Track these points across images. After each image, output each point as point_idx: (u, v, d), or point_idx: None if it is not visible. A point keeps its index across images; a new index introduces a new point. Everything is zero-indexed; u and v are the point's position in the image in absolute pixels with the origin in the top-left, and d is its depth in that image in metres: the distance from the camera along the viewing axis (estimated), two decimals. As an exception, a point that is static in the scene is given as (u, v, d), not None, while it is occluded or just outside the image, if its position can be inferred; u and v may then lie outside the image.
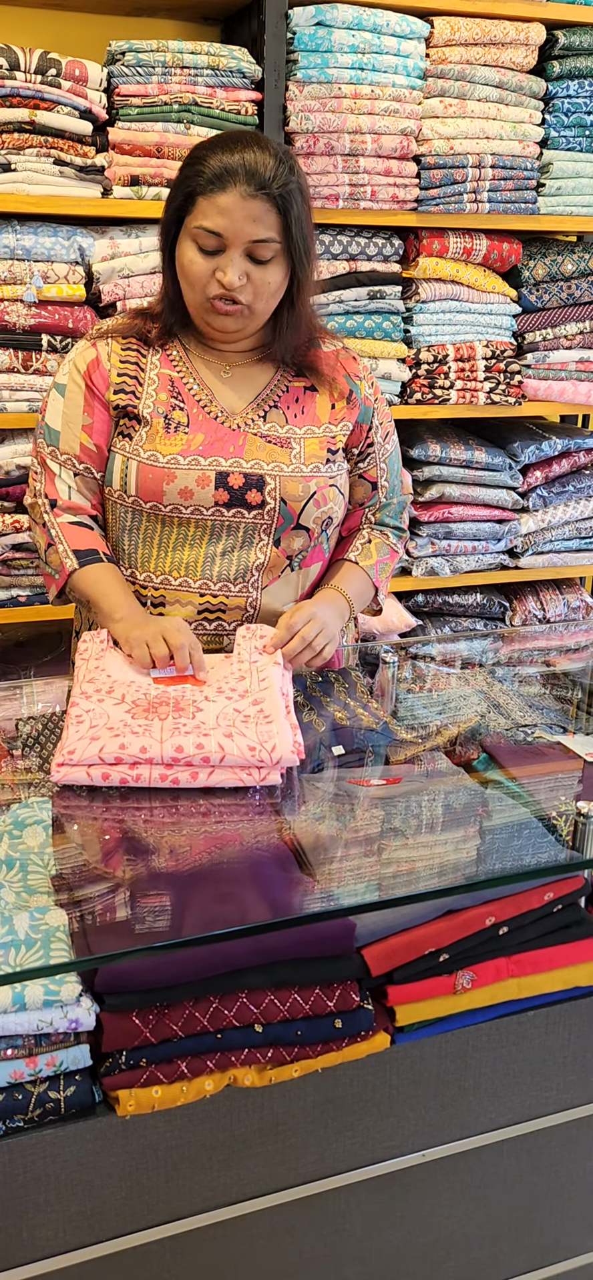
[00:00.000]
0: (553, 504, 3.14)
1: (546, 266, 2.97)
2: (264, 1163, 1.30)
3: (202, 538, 1.74)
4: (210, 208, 1.63)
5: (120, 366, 1.77)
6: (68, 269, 2.48)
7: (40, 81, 2.37)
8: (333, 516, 1.83)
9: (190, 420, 1.74)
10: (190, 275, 1.69)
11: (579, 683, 2.13)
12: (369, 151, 2.68)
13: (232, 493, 1.73)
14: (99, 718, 1.46)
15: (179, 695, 1.52)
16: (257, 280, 1.67)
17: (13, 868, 1.31)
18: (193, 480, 1.71)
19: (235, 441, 1.74)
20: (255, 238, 1.64)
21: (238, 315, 1.71)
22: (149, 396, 1.75)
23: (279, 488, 1.74)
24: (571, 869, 1.38)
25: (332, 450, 1.80)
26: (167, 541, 1.75)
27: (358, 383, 1.86)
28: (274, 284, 1.70)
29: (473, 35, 2.71)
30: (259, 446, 1.75)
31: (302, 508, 1.76)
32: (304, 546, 1.80)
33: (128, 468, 1.74)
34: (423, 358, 2.89)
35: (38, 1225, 1.20)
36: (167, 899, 1.27)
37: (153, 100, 2.49)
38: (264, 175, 1.62)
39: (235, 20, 2.75)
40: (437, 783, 1.53)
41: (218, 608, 1.77)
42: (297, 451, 1.77)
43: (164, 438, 1.73)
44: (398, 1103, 1.35)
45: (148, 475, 1.72)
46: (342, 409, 1.83)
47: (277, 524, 1.75)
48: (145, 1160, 1.23)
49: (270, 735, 1.43)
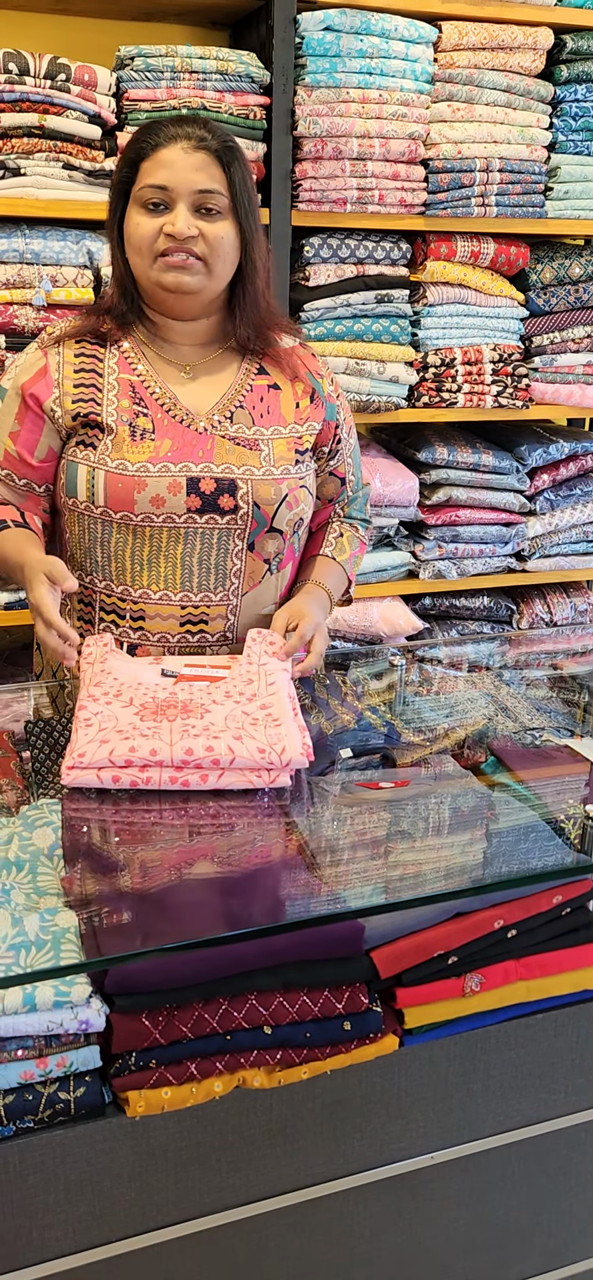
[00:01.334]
0: (560, 507, 3.14)
1: (553, 270, 2.97)
2: (273, 1164, 1.30)
3: (175, 546, 1.71)
4: (153, 166, 1.64)
5: (76, 376, 1.73)
6: (77, 272, 2.49)
7: (50, 86, 2.38)
8: (304, 518, 1.81)
9: (156, 426, 1.70)
10: (137, 238, 1.66)
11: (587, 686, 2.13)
12: (377, 155, 2.69)
13: (204, 498, 1.69)
14: (108, 720, 1.46)
15: (187, 698, 1.52)
16: (209, 233, 1.65)
17: (23, 869, 1.31)
18: (164, 487, 1.68)
19: (204, 445, 1.71)
20: (201, 187, 1.64)
21: (193, 271, 1.66)
22: (111, 404, 1.71)
23: (251, 491, 1.70)
24: (579, 872, 1.38)
25: (299, 451, 1.77)
26: (140, 553, 1.71)
27: (320, 380, 1.84)
28: (228, 239, 1.66)
29: (481, 40, 2.71)
30: (229, 449, 1.71)
31: (275, 510, 1.73)
32: (279, 549, 1.77)
33: (95, 478, 1.69)
34: (430, 361, 2.90)
35: (48, 1226, 1.20)
36: (176, 900, 1.27)
37: (162, 105, 2.49)
38: (205, 135, 1.65)
39: (243, 25, 2.76)
40: (445, 785, 1.54)
41: (200, 618, 1.73)
42: (266, 454, 1.73)
43: (131, 446, 1.69)
44: (407, 1105, 1.35)
45: (117, 485, 1.68)
46: (306, 408, 1.80)
47: (250, 528, 1.72)
48: (155, 1161, 1.23)
49: (280, 738, 1.43)
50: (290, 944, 1.26)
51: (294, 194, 2.67)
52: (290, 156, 2.63)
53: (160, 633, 1.73)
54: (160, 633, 1.73)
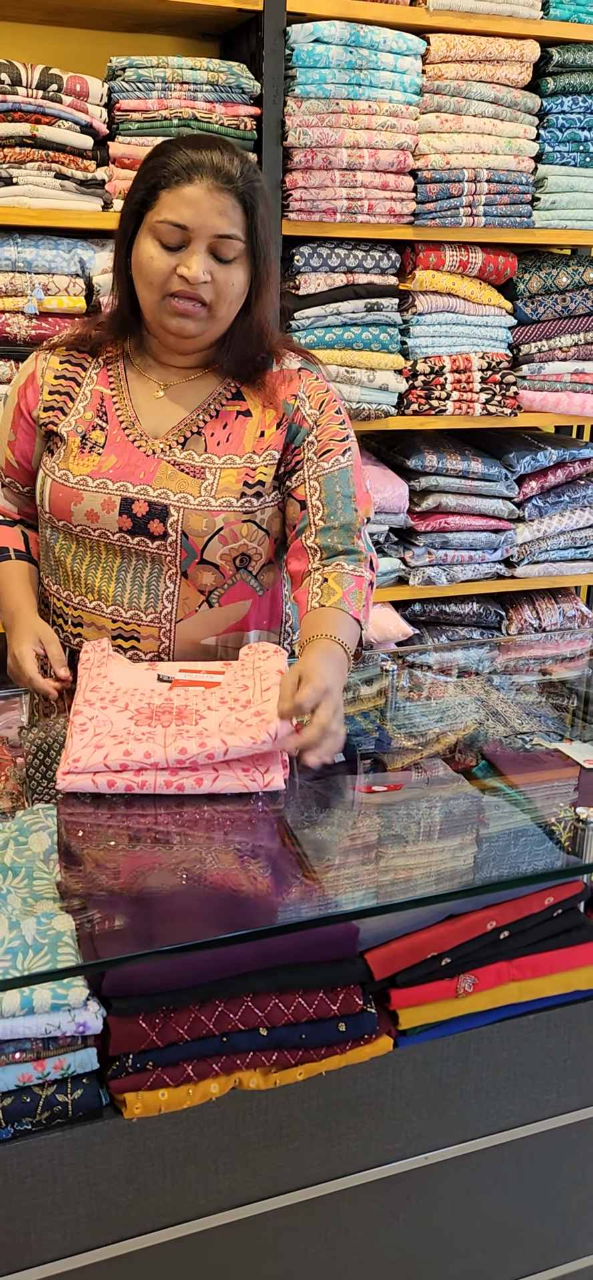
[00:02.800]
0: (549, 514, 3.17)
1: (540, 279, 3.00)
2: (269, 1165, 1.31)
3: (111, 563, 1.71)
4: (175, 200, 1.58)
5: (53, 384, 1.75)
6: (68, 281, 2.50)
7: (42, 97, 2.40)
8: (250, 554, 1.72)
9: (108, 441, 1.71)
10: (150, 272, 1.62)
11: (576, 690, 2.15)
12: (366, 166, 2.71)
13: (135, 520, 1.67)
14: (103, 725, 1.47)
15: (182, 704, 1.53)
16: (220, 280, 1.62)
17: (18, 874, 1.32)
18: (98, 503, 1.68)
19: (147, 468, 1.68)
20: (221, 232, 1.59)
21: (198, 316, 1.64)
22: (76, 414, 1.73)
23: (181, 520, 1.66)
24: (570, 874, 1.40)
25: (249, 483, 1.69)
26: (80, 563, 1.73)
27: (294, 401, 1.72)
28: (238, 286, 1.64)
29: (469, 52, 2.74)
30: (169, 475, 1.68)
31: (205, 543, 1.67)
32: (217, 584, 1.71)
33: (44, 485, 1.74)
34: (420, 369, 2.92)
35: (45, 1228, 1.21)
36: (172, 904, 1.28)
37: (153, 115, 2.51)
38: (231, 171, 1.60)
39: (234, 36, 2.78)
40: (437, 789, 1.55)
41: (131, 634, 1.72)
42: (209, 483, 1.68)
43: (78, 457, 1.70)
44: (400, 1106, 1.36)
45: (58, 494, 1.70)
46: (271, 436, 1.71)
47: (181, 557, 1.69)
48: (151, 1163, 1.24)
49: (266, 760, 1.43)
50: (286, 946, 1.27)
51: (284, 204, 2.69)
52: (281, 167, 2.66)
53: (95, 640, 1.73)
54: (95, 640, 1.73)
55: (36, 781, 1.51)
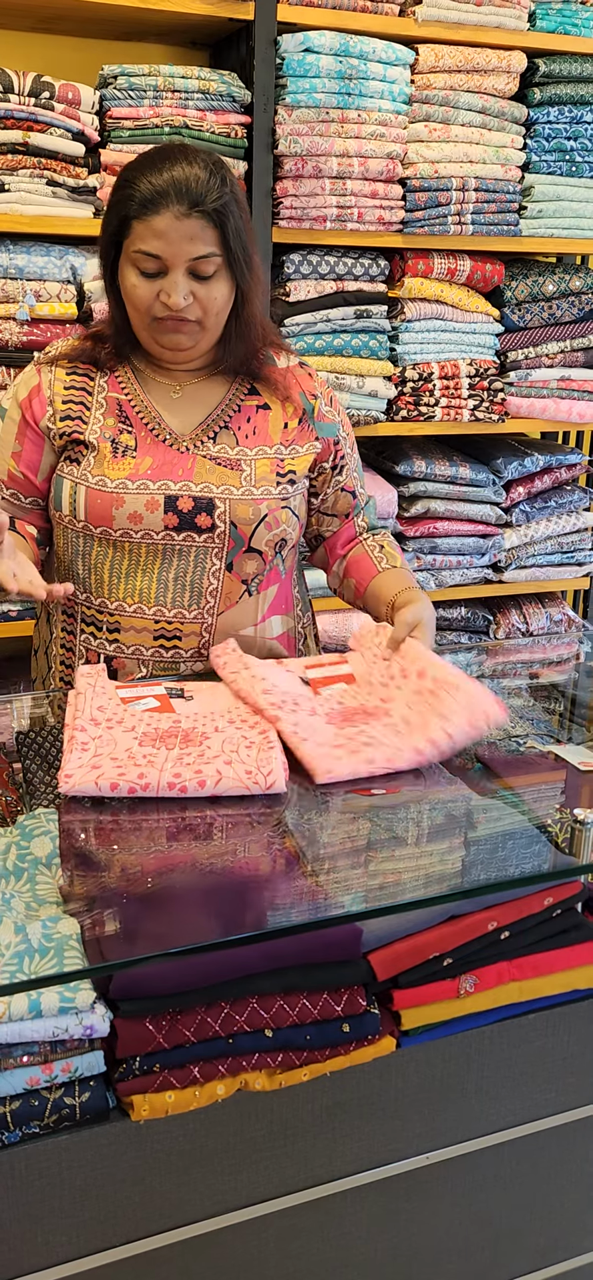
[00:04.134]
0: (536, 519, 3.19)
1: (528, 287, 3.03)
2: (273, 1166, 1.31)
3: (153, 563, 1.73)
4: (146, 231, 1.61)
5: (65, 394, 1.75)
6: (60, 288, 2.51)
7: (34, 104, 2.40)
8: (287, 539, 1.81)
9: (138, 444, 1.73)
10: (135, 299, 1.67)
11: (565, 694, 2.17)
12: (356, 174, 2.73)
13: (181, 516, 1.71)
14: (105, 745, 1.47)
15: (190, 727, 1.54)
16: (203, 297, 1.66)
17: (21, 878, 1.32)
18: (141, 504, 1.70)
19: (184, 464, 1.72)
20: (195, 255, 1.62)
21: (189, 332, 1.69)
22: (97, 422, 1.74)
23: (229, 511, 1.72)
24: (568, 874, 1.42)
25: (281, 474, 1.77)
26: (119, 567, 1.73)
27: (313, 401, 1.84)
28: (221, 298, 1.68)
29: (456, 62, 2.77)
30: (209, 469, 1.73)
31: (253, 530, 1.74)
32: (259, 570, 1.78)
33: (77, 493, 1.72)
34: (408, 375, 2.94)
35: (53, 1231, 1.21)
36: (177, 906, 1.29)
37: (144, 123, 2.52)
38: (197, 192, 1.60)
39: (224, 45, 2.79)
40: (436, 792, 1.56)
41: (173, 634, 1.75)
42: (247, 474, 1.74)
43: (112, 462, 1.71)
44: (403, 1106, 1.38)
45: (96, 500, 1.71)
46: (294, 430, 1.80)
47: (228, 547, 1.73)
48: (158, 1165, 1.25)
49: (268, 760, 1.45)
50: (291, 948, 1.28)
51: (275, 211, 2.70)
52: (271, 174, 2.67)
53: (134, 645, 1.75)
54: (134, 645, 1.75)
55: (33, 787, 1.51)
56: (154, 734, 1.52)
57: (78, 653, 1.82)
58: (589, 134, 2.96)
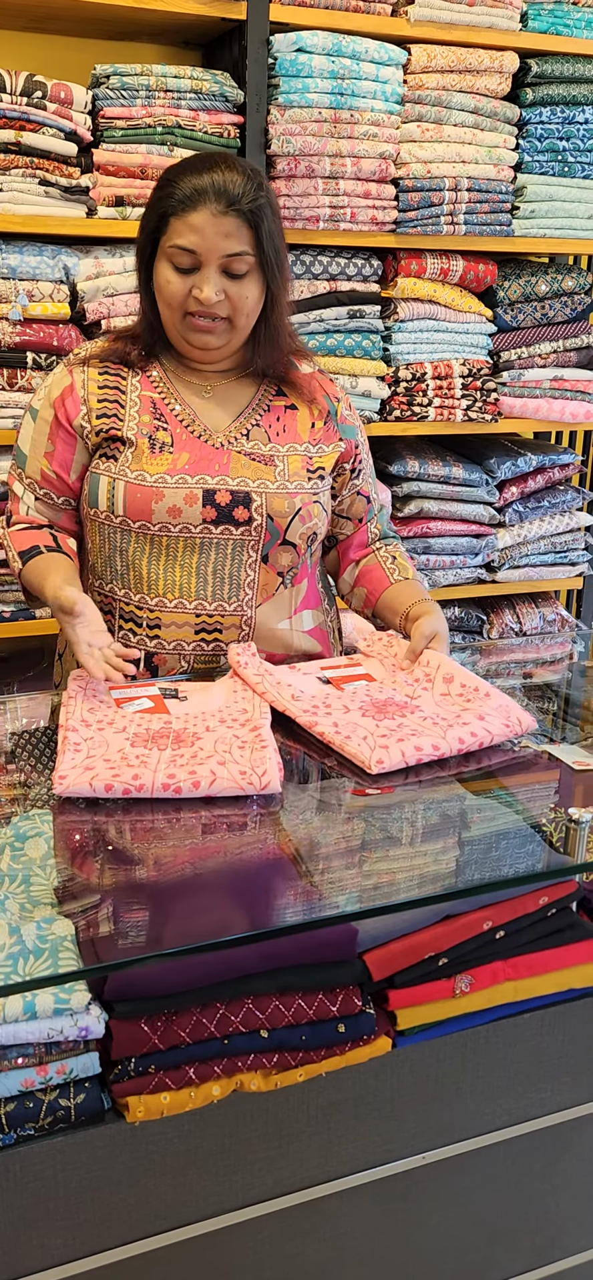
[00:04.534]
0: (529, 519, 3.20)
1: (520, 287, 3.03)
2: (269, 1167, 1.31)
3: (191, 557, 1.76)
4: (183, 227, 1.67)
5: (99, 393, 1.78)
6: (53, 288, 2.50)
7: (26, 104, 2.40)
8: (317, 533, 1.86)
9: (175, 440, 1.76)
10: (167, 295, 1.72)
11: (559, 693, 2.17)
12: (349, 174, 2.73)
13: (219, 510, 1.74)
14: (97, 747, 1.47)
15: (181, 728, 1.54)
16: (234, 295, 1.71)
17: (15, 880, 1.32)
18: (180, 498, 1.73)
19: (220, 460, 1.76)
20: (229, 252, 1.68)
21: (218, 331, 1.74)
22: (132, 419, 1.77)
23: (265, 504, 1.76)
24: (564, 873, 1.42)
25: (310, 470, 1.82)
26: (157, 563, 1.76)
27: (336, 404, 1.90)
28: (251, 299, 1.73)
29: (449, 63, 2.77)
30: (244, 464, 1.77)
31: (288, 523, 1.78)
32: (293, 563, 1.82)
33: (115, 488, 1.75)
34: (402, 376, 2.94)
35: (48, 1233, 1.21)
36: (172, 907, 1.28)
37: (137, 123, 2.52)
38: (234, 192, 1.67)
39: (216, 45, 2.79)
40: (430, 791, 1.56)
41: (214, 627, 1.78)
42: (280, 469, 1.79)
43: (150, 458, 1.74)
44: (398, 1106, 1.37)
45: (136, 495, 1.73)
46: (320, 429, 1.86)
47: (264, 540, 1.77)
48: (153, 1166, 1.24)
49: (262, 761, 1.45)
50: (286, 948, 1.28)
51: (268, 211, 2.70)
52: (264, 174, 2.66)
53: (176, 640, 1.78)
54: (176, 640, 1.78)
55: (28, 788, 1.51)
56: (146, 734, 1.52)
57: None
58: (582, 134, 2.97)
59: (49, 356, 2.53)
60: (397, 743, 1.51)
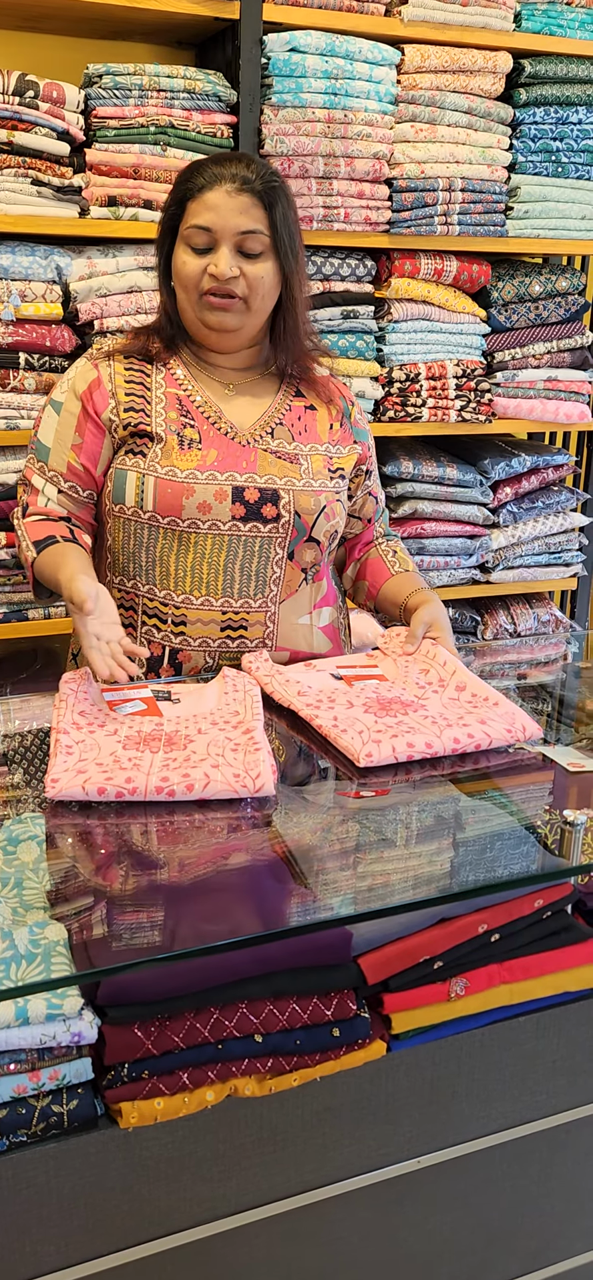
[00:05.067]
0: (523, 520, 3.19)
1: (514, 287, 3.03)
2: (263, 1173, 1.31)
3: (219, 554, 1.77)
4: (199, 207, 1.72)
5: (127, 386, 1.80)
6: (45, 288, 2.49)
7: (18, 103, 2.39)
8: (338, 530, 1.89)
9: (202, 437, 1.78)
10: (184, 275, 1.75)
11: (553, 694, 2.17)
12: (342, 174, 2.72)
13: (248, 507, 1.76)
14: (89, 750, 1.47)
15: (173, 730, 1.54)
16: (249, 274, 1.74)
17: (8, 884, 1.31)
18: (211, 495, 1.75)
19: (247, 457, 1.78)
20: (243, 229, 1.71)
21: (234, 310, 1.76)
22: (159, 415, 1.78)
23: (293, 501, 1.79)
24: (559, 876, 1.41)
25: (331, 470, 1.86)
26: (184, 559, 1.77)
27: (351, 407, 1.95)
28: (267, 280, 1.75)
29: (442, 63, 2.77)
30: (270, 462, 1.79)
31: (314, 521, 1.81)
32: (316, 560, 1.85)
33: (144, 484, 1.76)
34: (395, 376, 2.94)
35: (40, 1240, 1.20)
36: (166, 911, 1.28)
37: (130, 122, 2.51)
38: (249, 175, 1.73)
39: (209, 45, 2.78)
40: (425, 793, 1.56)
41: (239, 624, 1.79)
42: (305, 467, 1.82)
43: (180, 454, 1.76)
44: (394, 1110, 1.37)
45: (167, 490, 1.75)
46: (338, 431, 1.90)
47: (291, 537, 1.80)
48: (147, 1172, 1.23)
49: (256, 763, 1.44)
50: (280, 952, 1.27)
51: (261, 211, 2.69)
52: (279, 176, 2.66)
53: (201, 637, 1.79)
54: (201, 637, 1.79)
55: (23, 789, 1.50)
56: (138, 737, 1.51)
57: None
58: (575, 134, 2.97)
59: (42, 357, 2.52)
60: (390, 738, 1.51)
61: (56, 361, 2.54)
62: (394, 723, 1.56)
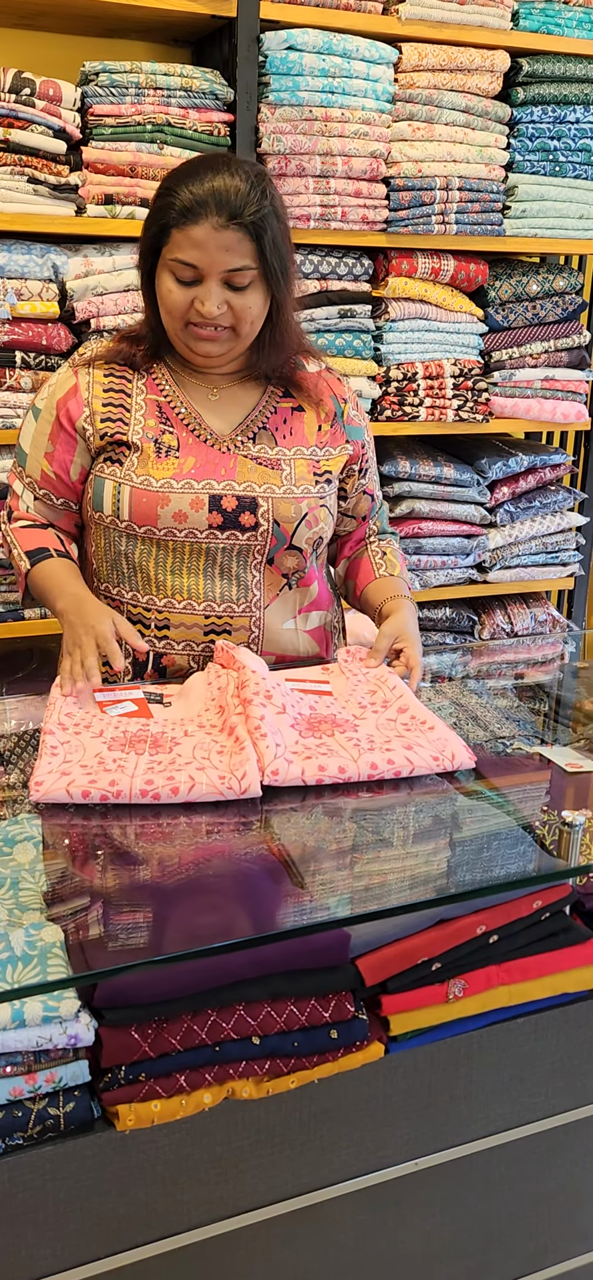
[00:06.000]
0: (520, 519, 3.19)
1: (511, 287, 3.02)
2: (261, 1175, 1.30)
3: (197, 561, 1.75)
4: (184, 240, 1.64)
5: (105, 396, 1.77)
6: (41, 286, 2.48)
7: (14, 101, 2.38)
8: (323, 537, 1.85)
9: (181, 444, 1.75)
10: (169, 305, 1.70)
11: (550, 694, 2.16)
12: (340, 173, 2.72)
13: (225, 515, 1.73)
14: (74, 751, 1.46)
15: (158, 732, 1.53)
16: (237, 307, 1.68)
17: (3, 885, 1.30)
18: (186, 504, 1.72)
19: (226, 464, 1.75)
20: (230, 267, 1.65)
21: (221, 340, 1.72)
22: (138, 423, 1.76)
23: (272, 509, 1.75)
24: (557, 877, 1.41)
25: (318, 474, 1.81)
26: (164, 566, 1.75)
27: (343, 405, 1.89)
28: (255, 309, 1.71)
29: (440, 61, 2.76)
30: (250, 469, 1.76)
31: (294, 529, 1.77)
32: (298, 566, 1.81)
33: (120, 493, 1.73)
34: (393, 375, 2.93)
35: (37, 1244, 1.19)
36: (162, 913, 1.27)
37: (126, 120, 2.50)
38: (236, 204, 1.62)
39: (206, 42, 2.77)
40: (423, 794, 1.55)
41: (223, 628, 1.77)
42: (287, 473, 1.78)
43: (156, 462, 1.73)
44: (391, 1112, 1.36)
45: (142, 500, 1.72)
46: (327, 432, 1.85)
47: (270, 545, 1.77)
48: (144, 1175, 1.23)
49: (241, 764, 1.43)
50: (278, 954, 1.26)
51: (258, 210, 2.68)
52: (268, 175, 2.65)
53: (185, 640, 1.77)
54: (185, 640, 1.77)
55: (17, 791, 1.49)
56: (123, 738, 1.50)
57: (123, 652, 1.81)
58: (573, 134, 2.96)
59: (38, 356, 2.51)
60: (303, 760, 1.46)
61: (53, 360, 2.53)
62: (316, 744, 1.52)
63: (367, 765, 1.47)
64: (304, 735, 1.53)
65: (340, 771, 1.45)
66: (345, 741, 1.52)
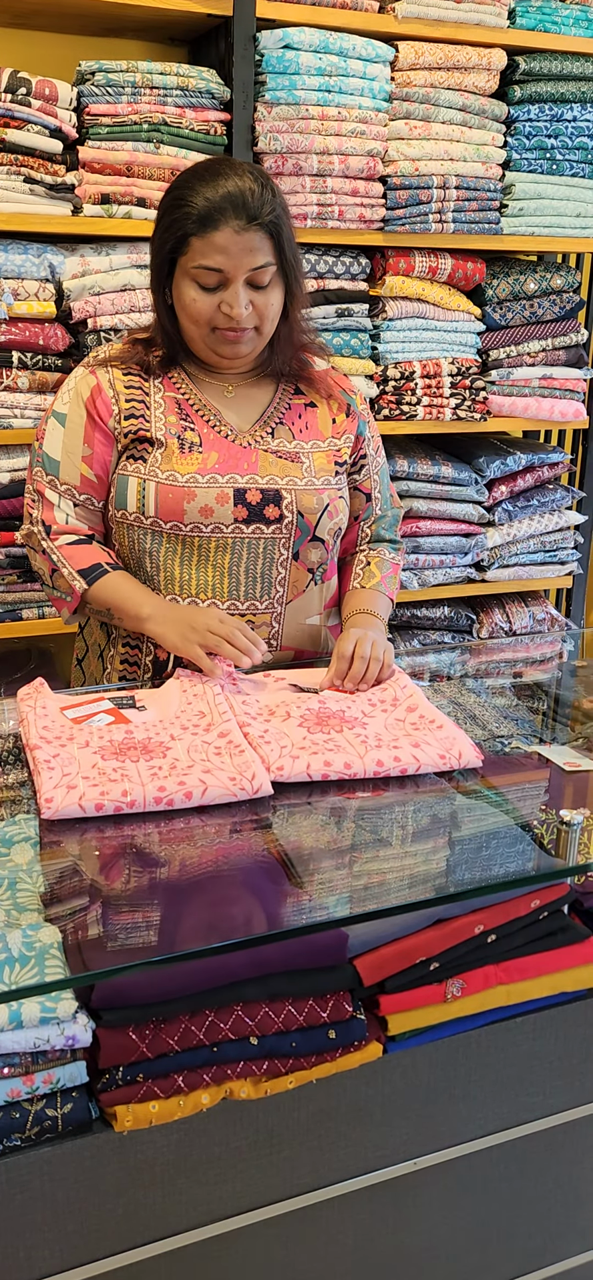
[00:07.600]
0: (518, 518, 3.19)
1: (509, 285, 3.02)
2: (259, 1175, 1.30)
3: (222, 557, 1.76)
4: (207, 247, 1.67)
5: (127, 392, 1.78)
6: (38, 286, 2.48)
7: (10, 100, 2.37)
8: (342, 527, 1.88)
9: (203, 440, 1.77)
10: (194, 313, 1.72)
11: (549, 693, 2.16)
12: (336, 172, 2.71)
13: (250, 509, 1.75)
14: (69, 763, 1.45)
15: (145, 738, 1.53)
16: (260, 305, 1.73)
17: (1, 886, 1.30)
18: (212, 498, 1.74)
19: (248, 458, 1.78)
20: (255, 266, 1.69)
21: (246, 340, 1.75)
22: (159, 420, 1.77)
23: (295, 501, 1.78)
24: (555, 876, 1.41)
25: (338, 463, 1.86)
26: (188, 563, 1.77)
27: (353, 396, 1.93)
28: (275, 305, 1.75)
29: (437, 60, 2.76)
30: (271, 462, 1.78)
31: (317, 519, 1.80)
32: (322, 559, 1.84)
33: (145, 489, 1.74)
34: (390, 374, 2.93)
35: (35, 1245, 1.19)
36: (161, 914, 1.27)
37: (123, 120, 2.50)
38: (253, 205, 1.67)
39: (203, 41, 2.77)
40: (421, 794, 1.55)
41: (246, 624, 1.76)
42: (307, 465, 1.81)
43: (180, 458, 1.75)
44: (390, 1112, 1.36)
45: (168, 495, 1.73)
46: (342, 422, 1.89)
47: (295, 537, 1.79)
48: (142, 1176, 1.23)
49: (247, 765, 1.44)
50: (276, 954, 1.26)
51: (255, 209, 2.68)
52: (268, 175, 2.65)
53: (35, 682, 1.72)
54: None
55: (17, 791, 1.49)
56: (111, 746, 1.50)
57: (144, 652, 1.83)
58: (570, 132, 2.96)
59: (35, 356, 2.51)
60: (310, 755, 1.48)
61: (50, 360, 2.53)
62: (324, 740, 1.53)
63: (373, 762, 1.48)
64: (312, 731, 1.55)
65: (346, 767, 1.47)
66: (353, 738, 1.54)
